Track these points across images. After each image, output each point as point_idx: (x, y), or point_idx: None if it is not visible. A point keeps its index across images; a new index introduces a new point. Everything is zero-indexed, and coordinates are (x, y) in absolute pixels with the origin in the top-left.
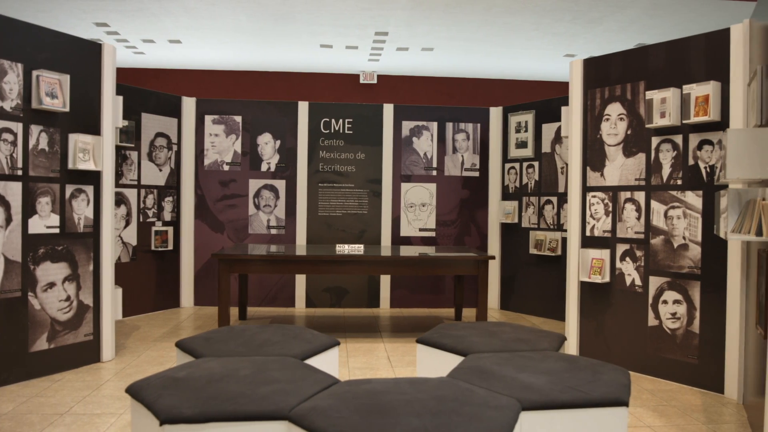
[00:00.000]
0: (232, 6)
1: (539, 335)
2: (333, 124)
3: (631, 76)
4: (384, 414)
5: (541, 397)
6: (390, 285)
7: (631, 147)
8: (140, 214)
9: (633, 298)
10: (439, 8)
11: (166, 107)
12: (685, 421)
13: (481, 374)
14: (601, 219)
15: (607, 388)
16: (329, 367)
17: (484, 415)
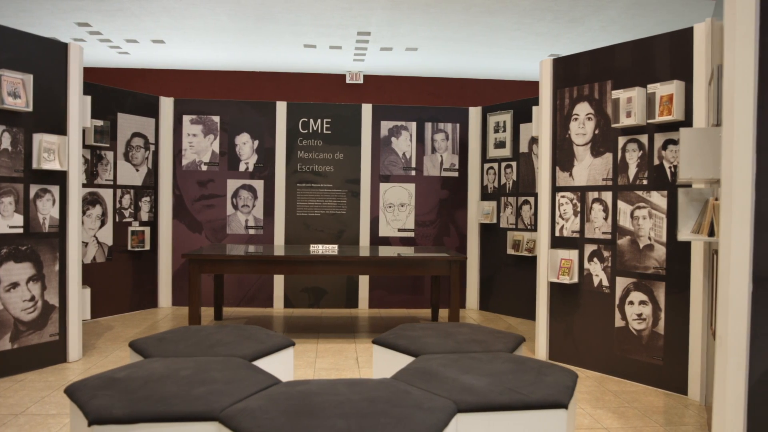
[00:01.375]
0: (211, 6)
1: (496, 336)
2: (311, 124)
3: (599, 76)
4: (311, 415)
5: (478, 398)
6: (368, 285)
7: (599, 147)
8: (116, 214)
9: (600, 298)
10: (419, 8)
11: (142, 107)
12: (644, 423)
13: (424, 375)
14: (570, 219)
15: (547, 391)
16: (282, 367)
17: (414, 417)
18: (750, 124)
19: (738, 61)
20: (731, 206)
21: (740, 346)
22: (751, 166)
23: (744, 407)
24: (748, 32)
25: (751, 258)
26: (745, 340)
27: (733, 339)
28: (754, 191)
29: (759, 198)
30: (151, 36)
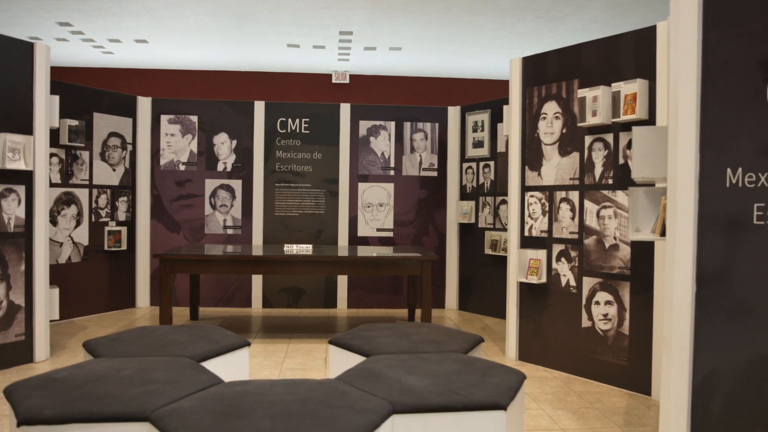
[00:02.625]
0: (191, 5)
1: (453, 337)
2: (290, 124)
3: (566, 75)
4: (239, 416)
5: (415, 399)
6: (347, 285)
7: (566, 146)
8: (92, 214)
9: (568, 298)
10: (400, 7)
11: (119, 107)
12: (603, 423)
13: (368, 376)
14: (539, 219)
15: (487, 392)
16: (235, 367)
17: (342, 418)
18: (693, 123)
19: (682, 60)
20: (675, 206)
21: (684, 346)
22: (694, 165)
23: (688, 407)
24: (691, 32)
25: (694, 258)
26: (689, 340)
27: (677, 339)
28: (697, 191)
29: (702, 197)
30: (133, 36)
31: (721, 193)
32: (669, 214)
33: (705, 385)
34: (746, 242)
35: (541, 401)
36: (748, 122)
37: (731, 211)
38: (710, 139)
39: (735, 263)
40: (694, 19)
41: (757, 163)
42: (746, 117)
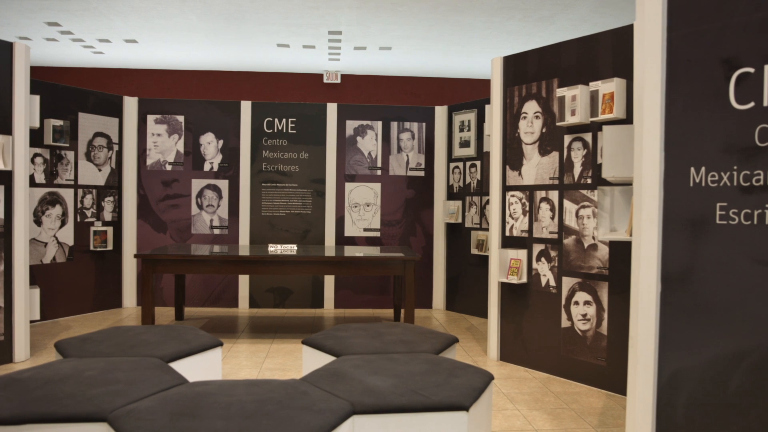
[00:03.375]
0: (178, 5)
1: (426, 337)
2: (276, 124)
3: (546, 74)
4: (194, 417)
5: (377, 400)
6: (334, 286)
7: (546, 145)
8: (77, 214)
9: (548, 298)
10: (387, 7)
11: (105, 107)
12: (577, 424)
13: (333, 376)
14: (519, 219)
15: (450, 393)
16: (207, 367)
17: (298, 419)
18: (657, 122)
19: (647, 58)
20: (641, 205)
21: (649, 346)
22: (659, 165)
23: (653, 407)
24: (655, 30)
25: (659, 258)
26: (654, 340)
27: (643, 339)
28: (662, 190)
29: (667, 197)
30: (123, 35)
31: (685, 193)
32: (635, 214)
33: (669, 385)
34: (709, 242)
35: (518, 402)
36: (710, 121)
37: (695, 210)
38: (674, 138)
39: (698, 263)
40: (659, 17)
41: (719, 163)
42: (709, 116)
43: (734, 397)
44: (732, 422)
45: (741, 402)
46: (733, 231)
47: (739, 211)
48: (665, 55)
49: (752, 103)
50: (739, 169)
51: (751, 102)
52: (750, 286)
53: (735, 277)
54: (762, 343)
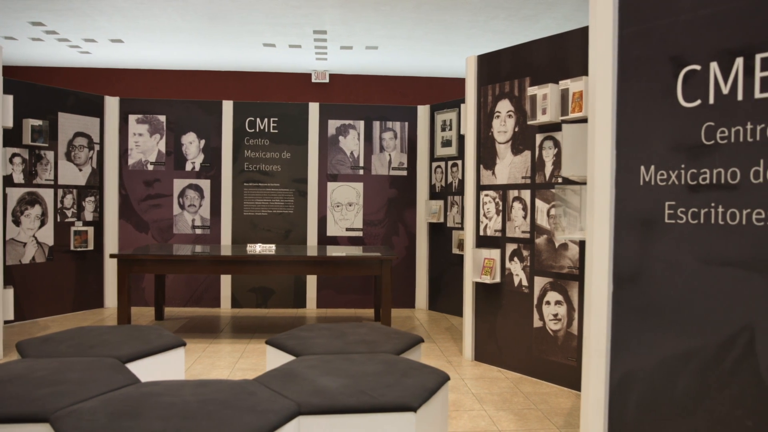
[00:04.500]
0: (161, 5)
1: (391, 337)
2: (258, 123)
3: (518, 72)
4: (134, 417)
5: (324, 401)
6: (316, 285)
7: (519, 144)
8: (57, 214)
9: (521, 298)
10: (370, 6)
11: (86, 107)
12: (542, 425)
13: (286, 377)
14: (493, 218)
15: (399, 393)
16: (169, 367)
17: (239, 420)
18: (609, 120)
19: (598, 56)
20: (593, 204)
21: (601, 347)
22: (610, 163)
23: (605, 408)
24: (606, 27)
25: (610, 258)
26: (606, 341)
27: (595, 340)
28: (613, 189)
29: (618, 196)
30: (108, 35)
31: (635, 192)
32: (588, 213)
33: (621, 386)
34: (658, 242)
35: (486, 402)
36: (660, 119)
37: (645, 209)
38: (625, 137)
39: (648, 263)
40: (610, 15)
41: (668, 161)
42: (658, 114)
43: (682, 398)
44: (680, 423)
45: (688, 403)
46: (681, 230)
47: (687, 210)
48: (616, 52)
49: (699, 101)
50: (686, 168)
51: (697, 100)
52: (697, 286)
53: (683, 277)
54: (708, 344)
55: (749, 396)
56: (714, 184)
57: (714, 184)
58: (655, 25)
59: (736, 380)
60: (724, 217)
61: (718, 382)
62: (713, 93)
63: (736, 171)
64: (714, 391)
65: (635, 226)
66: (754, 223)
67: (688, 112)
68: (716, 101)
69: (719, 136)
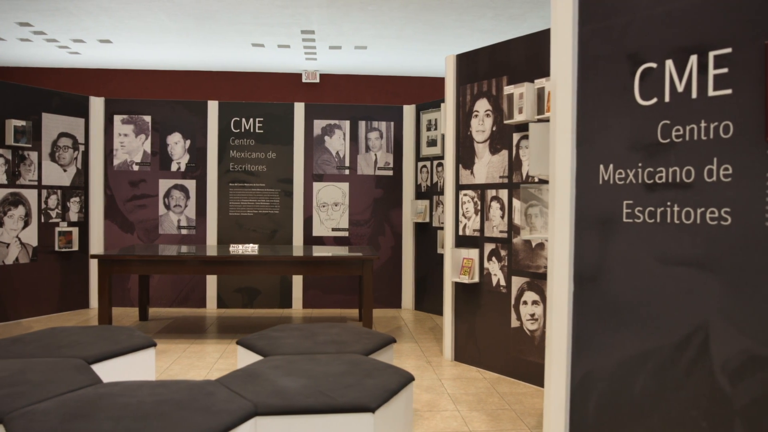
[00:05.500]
0: (147, 5)
1: (362, 337)
2: (244, 124)
3: (496, 71)
4: (86, 418)
5: (281, 401)
6: (302, 286)
7: (496, 144)
8: (41, 215)
9: (499, 298)
10: (356, 5)
11: (70, 107)
12: (514, 425)
13: (248, 377)
14: (472, 218)
15: (358, 394)
16: (139, 367)
17: (191, 420)
18: (569, 119)
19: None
20: (554, 203)
21: (562, 347)
22: (571, 162)
23: (566, 408)
24: (566, 24)
25: (571, 257)
26: (566, 341)
27: (556, 340)
28: (574, 188)
29: (579, 195)
30: (96, 36)
31: (594, 190)
32: (550, 212)
33: (582, 386)
34: (617, 241)
35: (461, 402)
36: (618, 118)
37: (604, 208)
38: (585, 136)
39: (607, 263)
40: (569, 12)
41: (626, 160)
42: (616, 112)
43: (640, 399)
44: (638, 424)
45: (645, 404)
46: (638, 229)
47: (644, 209)
48: (576, 50)
49: (655, 99)
50: (643, 167)
51: (654, 98)
52: (654, 286)
53: (640, 277)
54: (664, 344)
55: (704, 397)
56: (670, 183)
57: (670, 183)
58: (613, 22)
59: (691, 381)
60: (680, 216)
61: (675, 382)
62: (669, 91)
63: (691, 170)
64: (670, 392)
65: (595, 225)
66: (707, 222)
67: (645, 110)
68: (672, 99)
69: (674, 135)
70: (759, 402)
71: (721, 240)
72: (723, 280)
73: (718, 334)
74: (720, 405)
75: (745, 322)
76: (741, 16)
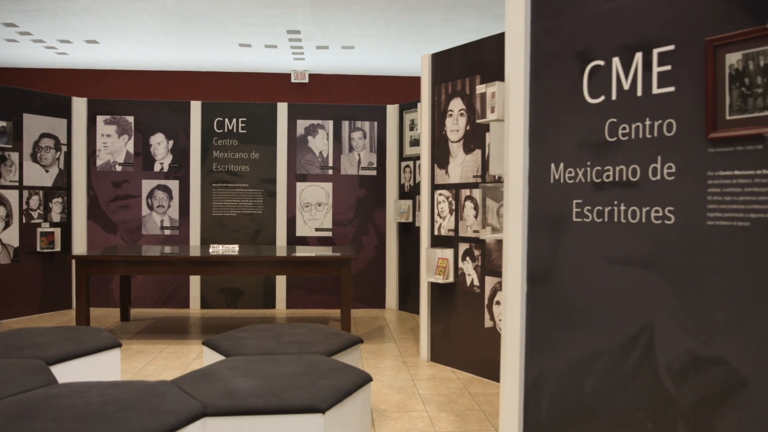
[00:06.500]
0: (130, 5)
1: (328, 338)
2: (226, 124)
3: (470, 71)
4: (28, 419)
5: (231, 402)
6: (286, 286)
7: (470, 143)
8: (23, 216)
9: (472, 298)
10: (340, 5)
11: (52, 108)
12: (481, 426)
13: (203, 378)
14: (447, 217)
15: (309, 395)
16: (103, 368)
17: (134, 421)
18: (521, 118)
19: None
20: (508, 202)
21: (515, 347)
22: (523, 161)
23: (520, 409)
24: (519, 22)
25: (524, 257)
26: (520, 341)
27: (510, 341)
28: (527, 187)
29: (532, 194)
30: (82, 36)
31: (546, 189)
32: (504, 211)
33: (535, 387)
34: (568, 240)
35: (430, 403)
36: (568, 116)
37: (555, 208)
38: (537, 134)
39: (558, 262)
40: (522, 9)
41: (575, 158)
42: (566, 110)
43: (589, 400)
44: (587, 425)
45: (594, 405)
46: (587, 229)
47: (593, 208)
48: (529, 48)
49: (603, 97)
50: (592, 165)
51: (602, 96)
52: (602, 286)
53: (589, 277)
54: (612, 345)
55: (649, 397)
56: (617, 182)
57: (617, 182)
58: (564, 20)
59: (637, 381)
60: (626, 216)
61: (621, 383)
62: (615, 89)
63: (637, 168)
64: (617, 393)
65: (547, 224)
66: (652, 221)
67: (593, 108)
68: (618, 97)
69: (621, 133)
70: (701, 403)
71: (665, 239)
72: (667, 279)
73: (663, 335)
74: (664, 406)
75: (688, 322)
76: (683, 13)
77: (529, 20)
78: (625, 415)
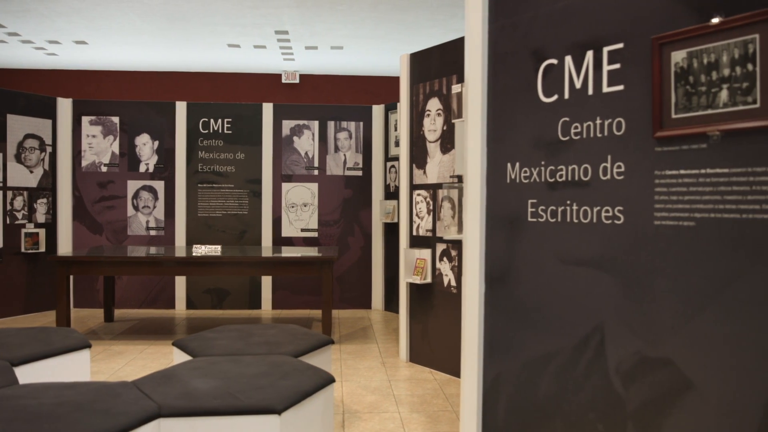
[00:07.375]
0: (116, 5)
1: (298, 338)
2: (212, 124)
3: (447, 70)
4: None
5: (187, 403)
6: (271, 286)
7: (447, 143)
8: (7, 216)
9: (450, 298)
10: (326, 5)
11: (37, 108)
12: (452, 428)
13: (163, 378)
14: (425, 218)
15: (266, 396)
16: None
17: (85, 422)
18: (479, 117)
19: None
20: (467, 202)
21: (474, 349)
22: (481, 161)
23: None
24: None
25: (482, 257)
26: (478, 343)
27: (468, 342)
28: (484, 187)
29: (489, 194)
30: (71, 37)
31: (503, 189)
32: (464, 212)
33: (492, 389)
34: (523, 241)
35: (404, 404)
36: (523, 115)
37: (511, 207)
38: (495, 134)
39: (515, 263)
40: (479, 8)
41: (530, 158)
42: (522, 110)
43: (543, 401)
44: (542, 427)
45: (548, 406)
46: (542, 229)
47: (546, 208)
48: (486, 47)
49: (556, 96)
50: (546, 165)
51: (555, 95)
52: (556, 287)
53: (544, 277)
54: (565, 346)
55: (600, 399)
56: (569, 182)
57: (569, 182)
58: (519, 18)
59: (589, 383)
60: (578, 216)
61: (574, 384)
62: (568, 87)
63: (588, 168)
64: (570, 394)
65: (503, 225)
66: (603, 221)
67: (547, 107)
68: (570, 96)
69: (573, 132)
70: (649, 405)
71: (615, 239)
72: (617, 280)
73: (613, 336)
74: (614, 407)
75: (636, 322)
76: (632, 11)
77: (487, 19)
78: (577, 416)
